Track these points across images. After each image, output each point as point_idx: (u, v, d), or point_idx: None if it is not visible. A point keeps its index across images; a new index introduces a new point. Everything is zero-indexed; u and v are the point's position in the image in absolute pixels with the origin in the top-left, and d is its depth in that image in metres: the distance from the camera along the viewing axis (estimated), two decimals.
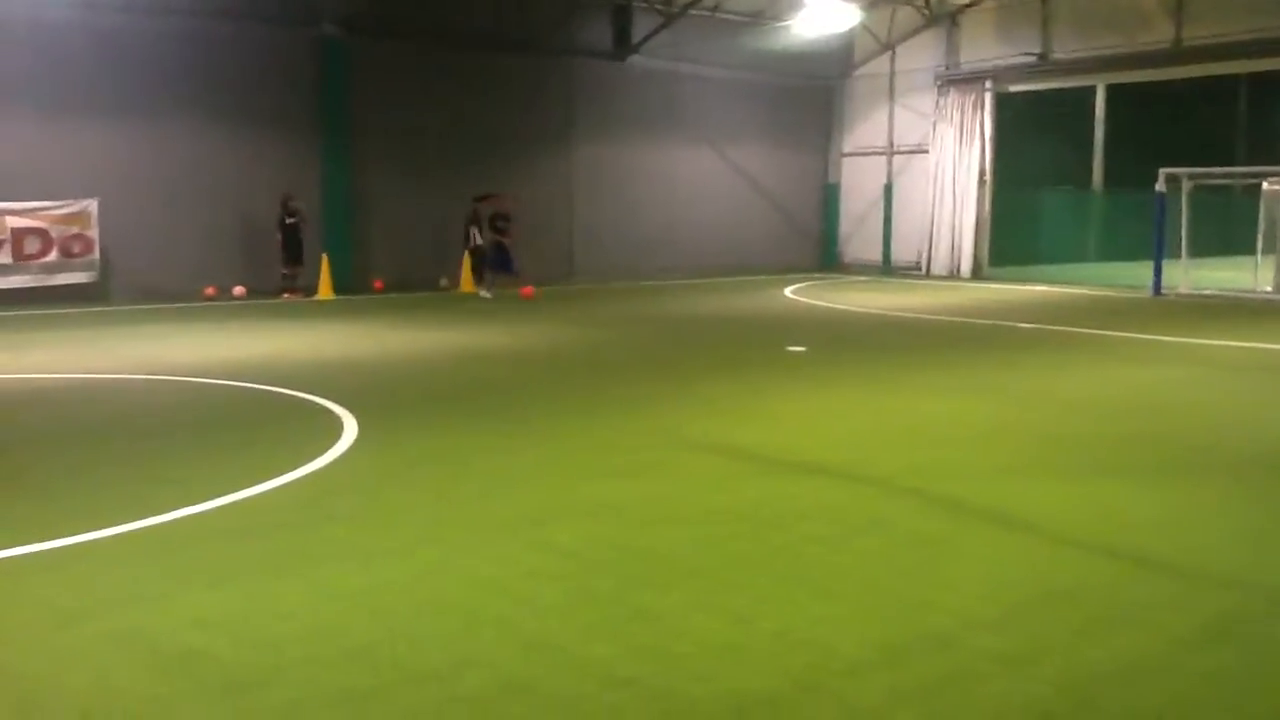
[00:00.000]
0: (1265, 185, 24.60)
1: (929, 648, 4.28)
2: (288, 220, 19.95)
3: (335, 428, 8.37)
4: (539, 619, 4.56)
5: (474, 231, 20.88)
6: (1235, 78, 33.17)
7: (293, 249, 20.06)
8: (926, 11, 26.71)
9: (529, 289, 20.23)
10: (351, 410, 9.01)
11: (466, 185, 21.81)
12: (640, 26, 24.47)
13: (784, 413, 9.33)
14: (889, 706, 3.78)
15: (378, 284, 21.24)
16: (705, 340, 14.75)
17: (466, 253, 21.21)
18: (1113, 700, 3.83)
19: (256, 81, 20.24)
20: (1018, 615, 4.62)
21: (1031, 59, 25.22)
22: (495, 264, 20.34)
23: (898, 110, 28.03)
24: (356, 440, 7.96)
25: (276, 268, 20.03)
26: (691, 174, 26.74)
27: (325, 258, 20.25)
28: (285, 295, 19.91)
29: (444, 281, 21.75)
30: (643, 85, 25.41)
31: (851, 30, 27.06)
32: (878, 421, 8.99)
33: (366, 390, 10.23)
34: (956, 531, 5.86)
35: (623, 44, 24.69)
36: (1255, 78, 26.69)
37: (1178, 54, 22.90)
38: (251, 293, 19.84)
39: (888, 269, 27.90)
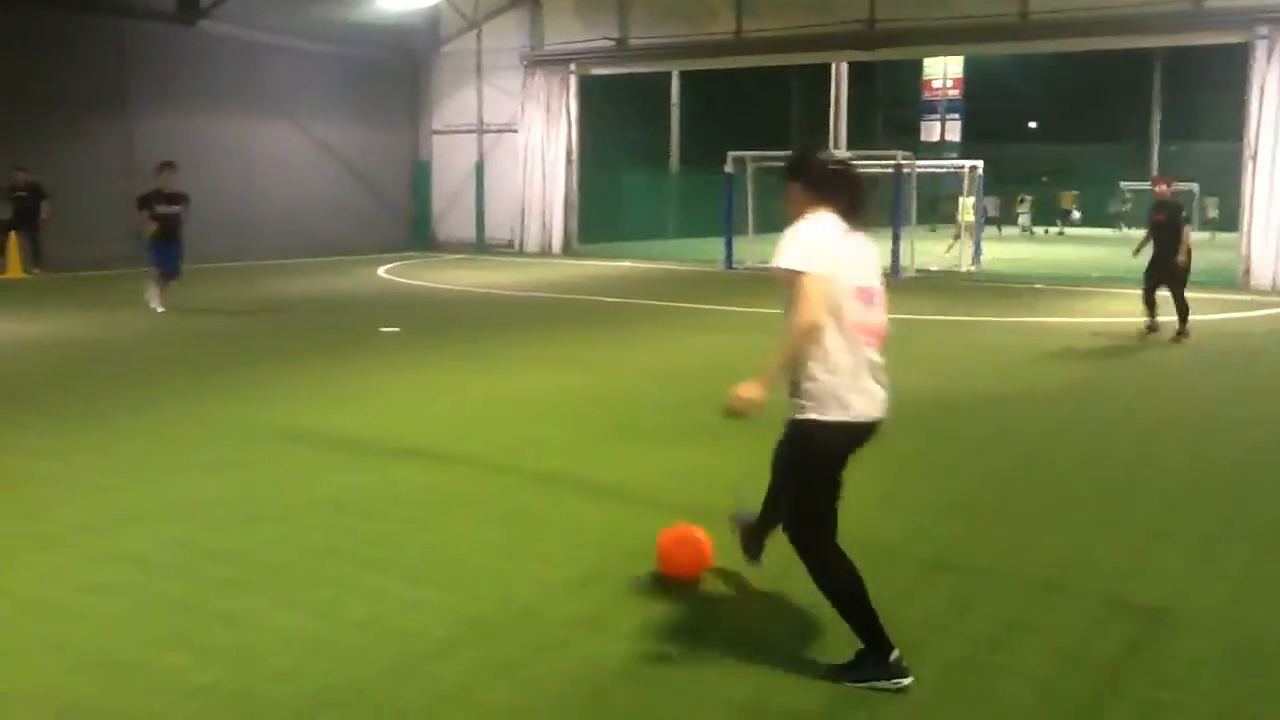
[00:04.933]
0: None
1: (516, 620, 4.36)
2: None
3: None
4: (101, 635, 4.18)
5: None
6: (788, 69, 36.39)
7: None
8: None
9: None
10: None
11: (5, 156, 19.50)
12: None
13: (376, 396, 9.15)
14: (478, 683, 3.82)
15: None
16: (291, 325, 14.15)
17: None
18: (684, 647, 4.09)
19: None
20: (598, 579, 4.82)
21: (610, 44, 26.31)
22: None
23: (486, 89, 28.27)
24: None
25: None
26: (272, 150, 25.49)
27: None
28: None
29: None
30: (214, 53, 23.82)
31: (437, 6, 26.93)
32: (471, 400, 9.05)
33: None
34: (544, 503, 6.02)
35: (189, 7, 23.01)
36: (804, 69, 29.46)
37: (739, 45, 24.80)
38: None
39: (482, 247, 28.15)
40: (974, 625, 4.37)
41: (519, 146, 27.44)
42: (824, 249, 3.74)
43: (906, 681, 3.72)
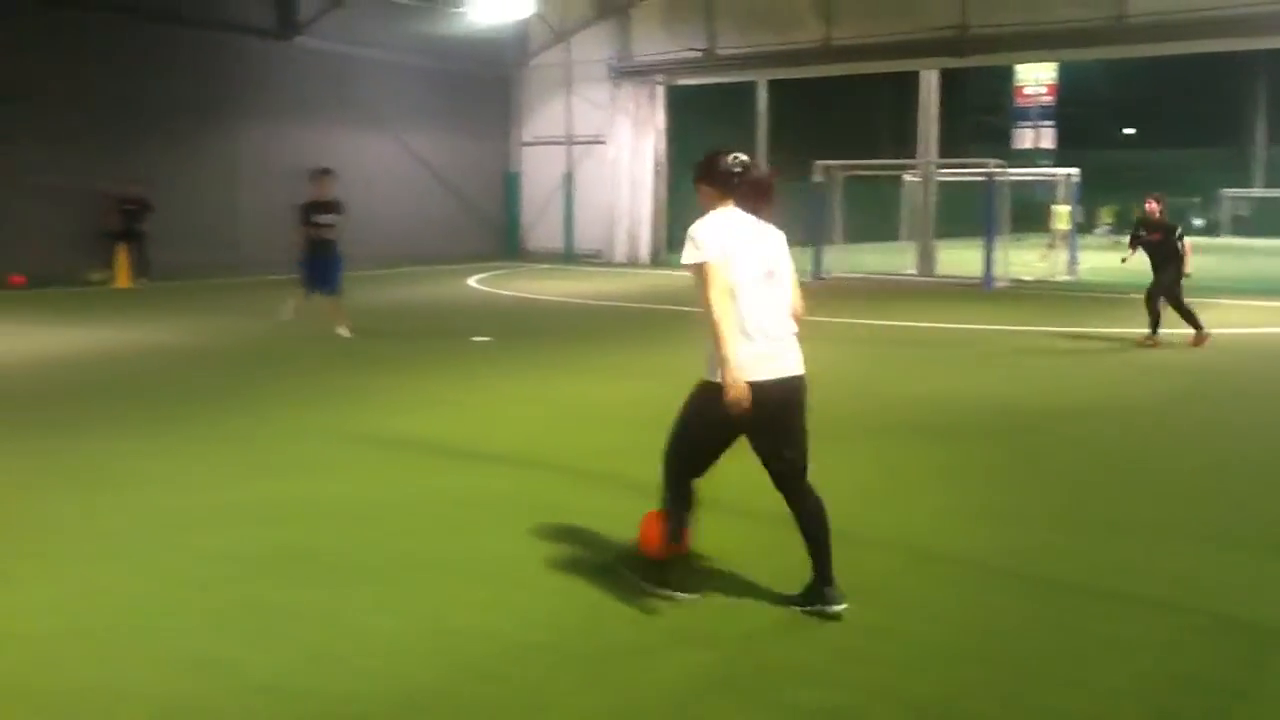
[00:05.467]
0: (905, 177, 26.97)
1: (603, 625, 4.33)
2: None
3: None
4: (197, 633, 4.26)
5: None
6: (877, 76, 35.99)
7: None
8: (597, 3, 27.27)
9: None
10: None
11: (112, 165, 20.19)
12: (307, 6, 23.49)
13: (463, 404, 9.24)
14: (566, 687, 3.80)
15: (16, 279, 19.14)
16: (385, 333, 14.35)
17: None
18: (773, 654, 4.03)
19: None
20: (687, 587, 4.75)
21: (697, 54, 26.31)
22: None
23: (575, 101, 28.47)
24: None
25: None
26: (366, 161, 25.93)
27: None
28: None
29: (96, 275, 19.97)
30: (312, 67, 24.38)
31: (526, 19, 27.23)
32: (556, 408, 9.09)
33: None
34: (625, 509, 5.95)
35: (288, 23, 23.61)
36: (893, 76, 29.10)
37: (827, 53, 24.61)
38: None
39: (571, 256, 28.34)
40: (1076, 642, 4.23)
41: (607, 158, 27.59)
42: (717, 237, 4.35)
43: (684, 597, 4.47)
